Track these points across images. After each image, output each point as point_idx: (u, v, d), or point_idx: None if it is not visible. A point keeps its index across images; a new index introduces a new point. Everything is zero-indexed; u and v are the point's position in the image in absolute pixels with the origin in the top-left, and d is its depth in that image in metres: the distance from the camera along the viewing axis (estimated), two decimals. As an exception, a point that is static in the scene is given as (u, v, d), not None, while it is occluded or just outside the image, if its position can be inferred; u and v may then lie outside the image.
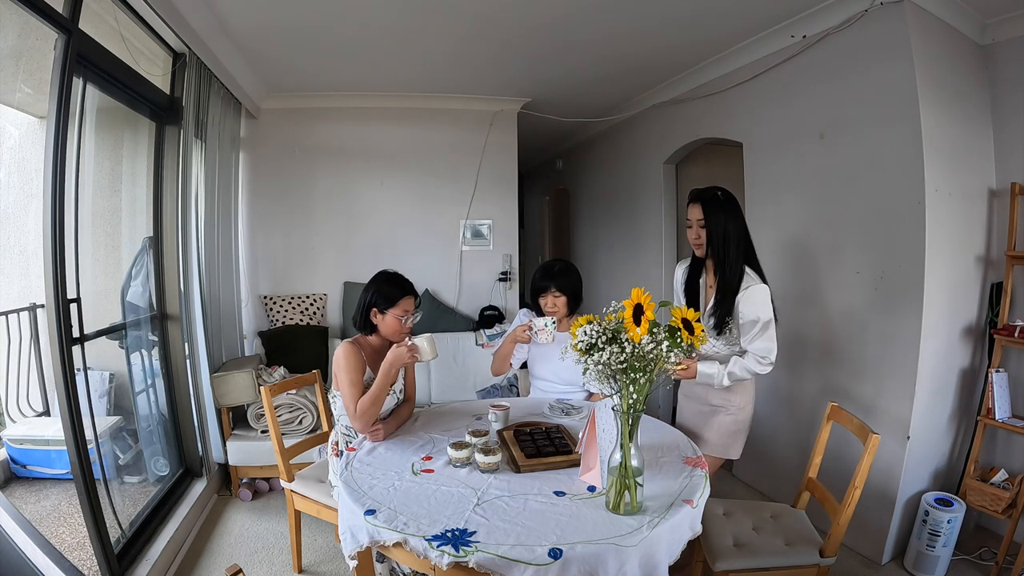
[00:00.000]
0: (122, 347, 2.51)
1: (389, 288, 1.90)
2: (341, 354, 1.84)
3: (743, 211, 1.93)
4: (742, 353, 1.86)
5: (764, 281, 1.86)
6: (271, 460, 2.78)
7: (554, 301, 2.26)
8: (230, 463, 2.90)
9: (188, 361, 2.70)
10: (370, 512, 1.31)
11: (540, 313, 2.34)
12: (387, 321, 1.90)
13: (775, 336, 1.82)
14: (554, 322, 2.14)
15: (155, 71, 2.47)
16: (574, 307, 2.30)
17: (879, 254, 2.31)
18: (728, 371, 1.84)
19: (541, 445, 1.65)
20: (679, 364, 1.66)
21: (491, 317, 4.05)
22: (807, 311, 2.64)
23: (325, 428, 2.36)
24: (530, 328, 2.14)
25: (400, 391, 2.01)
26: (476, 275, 4.20)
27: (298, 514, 2.21)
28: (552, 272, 2.26)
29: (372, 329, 1.94)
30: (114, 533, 2.03)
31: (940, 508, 2.18)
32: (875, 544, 2.33)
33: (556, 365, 2.25)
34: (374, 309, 1.90)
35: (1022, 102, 2.31)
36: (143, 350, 2.61)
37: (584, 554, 1.16)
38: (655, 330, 1.25)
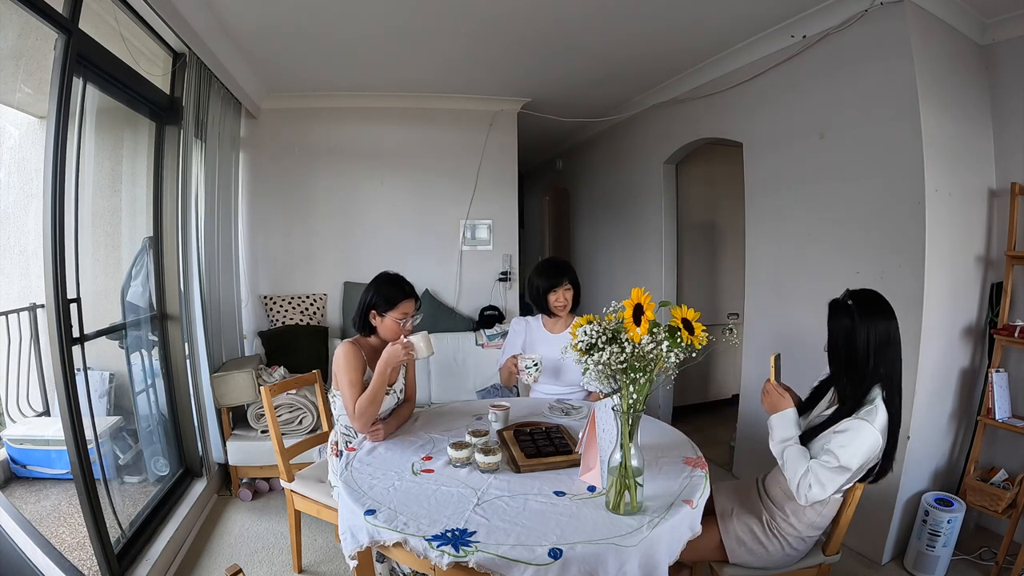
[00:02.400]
0: (122, 347, 2.51)
1: (389, 290, 1.89)
2: (341, 354, 1.84)
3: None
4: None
5: (891, 418, 1.49)
6: (271, 460, 2.78)
7: (565, 295, 2.29)
8: (230, 463, 2.90)
9: (188, 361, 2.70)
10: (370, 512, 1.31)
11: (547, 312, 2.34)
12: (386, 323, 1.89)
13: (836, 485, 1.45)
14: (536, 366, 2.17)
15: (155, 71, 2.47)
16: (577, 301, 2.33)
17: (879, 254, 2.31)
18: (788, 445, 1.54)
19: (541, 445, 1.65)
20: (777, 387, 1.61)
21: (491, 317, 4.05)
22: (807, 311, 2.64)
23: (325, 428, 2.36)
24: (517, 362, 2.22)
25: (400, 391, 2.01)
26: (476, 275, 4.20)
27: (298, 514, 2.21)
28: (559, 268, 2.31)
29: (371, 331, 1.94)
30: (114, 533, 2.03)
31: (940, 508, 2.18)
32: (875, 544, 2.34)
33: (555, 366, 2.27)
34: (373, 311, 1.90)
35: (1022, 102, 2.31)
36: (143, 350, 2.61)
37: (584, 554, 1.16)
38: (655, 330, 1.24)
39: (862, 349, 1.51)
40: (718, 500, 1.71)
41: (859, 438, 1.43)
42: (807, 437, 1.56)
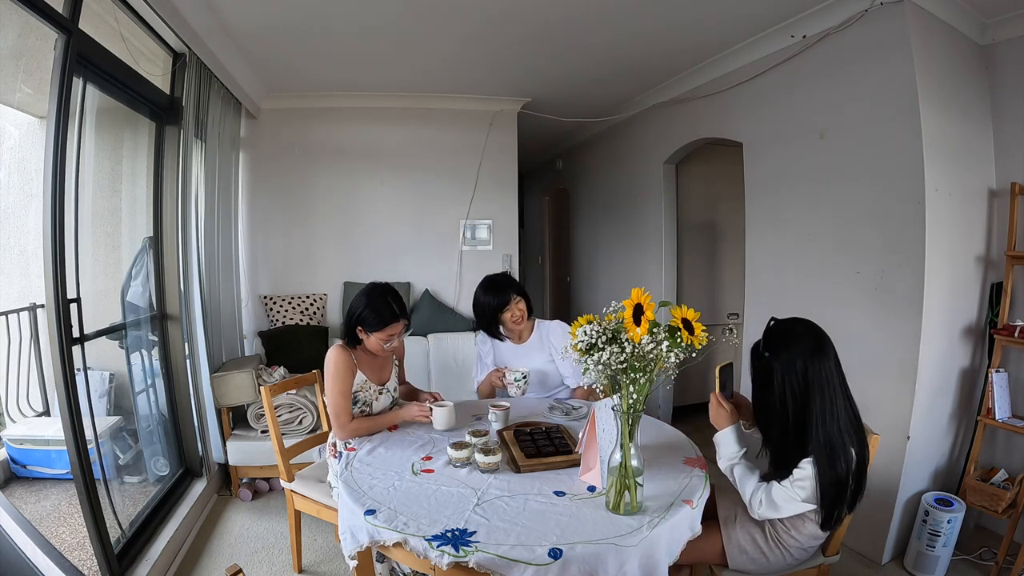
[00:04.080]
0: (122, 347, 2.51)
1: (382, 309, 1.84)
2: (331, 359, 1.85)
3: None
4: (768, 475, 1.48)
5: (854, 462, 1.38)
6: (271, 460, 2.78)
7: (518, 308, 2.27)
8: (230, 463, 2.90)
9: (188, 361, 2.70)
10: (370, 512, 1.32)
11: (499, 334, 2.34)
12: (371, 340, 1.88)
13: (792, 512, 1.43)
14: (524, 378, 2.17)
15: (155, 71, 2.47)
16: (531, 309, 2.34)
17: (879, 254, 2.31)
18: (735, 463, 1.52)
19: (541, 445, 1.65)
20: (721, 400, 1.55)
21: (491, 317, 4.04)
22: (806, 311, 2.64)
23: (325, 428, 2.36)
24: (503, 376, 2.21)
25: (395, 389, 2.05)
26: (476, 275, 4.15)
27: (298, 514, 2.21)
28: (504, 283, 2.28)
29: (357, 342, 1.93)
30: (114, 533, 2.03)
31: (940, 508, 2.18)
32: (875, 544, 2.34)
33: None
34: (360, 327, 1.88)
35: (1022, 102, 2.31)
36: (143, 350, 2.61)
37: (584, 554, 1.16)
38: (655, 330, 1.24)
39: (778, 399, 1.38)
40: (721, 504, 1.68)
41: (815, 482, 1.37)
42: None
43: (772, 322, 1.50)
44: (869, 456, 1.46)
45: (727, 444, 1.56)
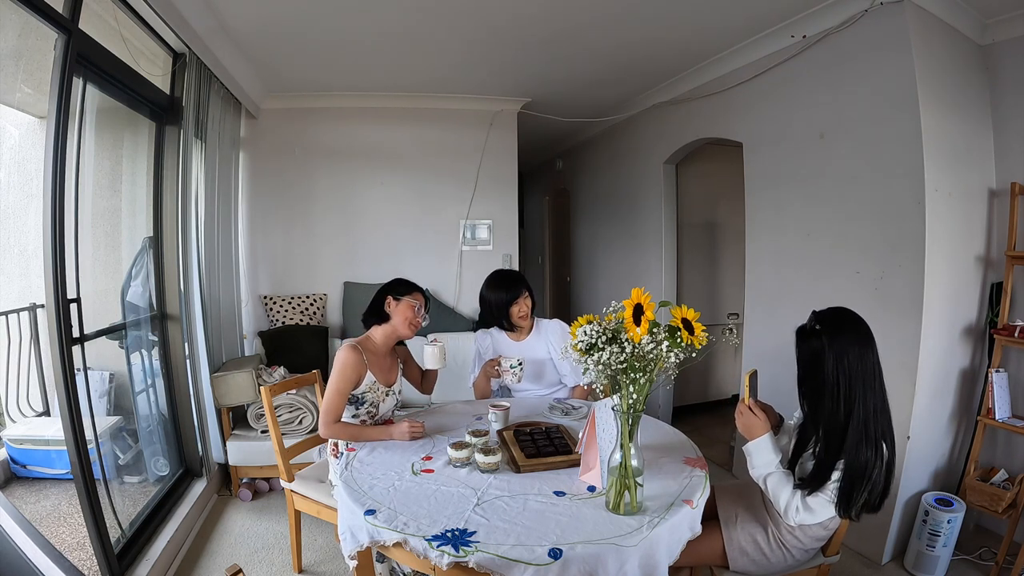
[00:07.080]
0: (122, 347, 2.51)
1: (401, 285, 2.00)
2: (341, 358, 1.86)
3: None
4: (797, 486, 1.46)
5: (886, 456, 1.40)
6: (271, 460, 2.78)
7: (525, 304, 2.31)
8: (230, 463, 2.90)
9: (188, 361, 2.70)
10: (370, 512, 1.32)
11: (510, 325, 2.35)
12: (401, 308, 1.95)
13: (829, 515, 1.44)
14: (520, 364, 2.19)
15: (155, 71, 2.47)
16: (534, 307, 2.36)
17: (879, 254, 2.31)
18: (769, 474, 1.49)
19: (541, 445, 1.65)
20: (752, 407, 1.54)
21: (491, 317, 4.04)
22: (807, 311, 2.64)
23: (325, 428, 2.36)
24: (499, 364, 2.23)
25: (399, 392, 2.05)
26: (476, 275, 4.18)
27: (298, 514, 2.21)
28: (516, 279, 2.33)
29: (381, 320, 1.97)
30: (114, 533, 2.03)
31: (940, 508, 2.18)
32: (875, 544, 2.34)
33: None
34: (389, 296, 1.96)
35: (1022, 102, 2.31)
36: (143, 350, 2.61)
37: (584, 554, 1.16)
38: (655, 330, 1.25)
39: (831, 374, 1.39)
40: (721, 504, 1.67)
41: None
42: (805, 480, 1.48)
43: (813, 313, 1.53)
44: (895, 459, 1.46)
45: (762, 453, 1.52)
